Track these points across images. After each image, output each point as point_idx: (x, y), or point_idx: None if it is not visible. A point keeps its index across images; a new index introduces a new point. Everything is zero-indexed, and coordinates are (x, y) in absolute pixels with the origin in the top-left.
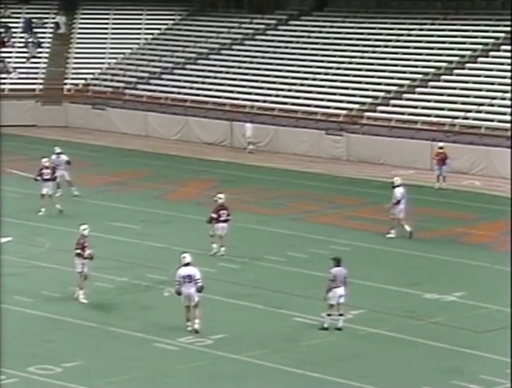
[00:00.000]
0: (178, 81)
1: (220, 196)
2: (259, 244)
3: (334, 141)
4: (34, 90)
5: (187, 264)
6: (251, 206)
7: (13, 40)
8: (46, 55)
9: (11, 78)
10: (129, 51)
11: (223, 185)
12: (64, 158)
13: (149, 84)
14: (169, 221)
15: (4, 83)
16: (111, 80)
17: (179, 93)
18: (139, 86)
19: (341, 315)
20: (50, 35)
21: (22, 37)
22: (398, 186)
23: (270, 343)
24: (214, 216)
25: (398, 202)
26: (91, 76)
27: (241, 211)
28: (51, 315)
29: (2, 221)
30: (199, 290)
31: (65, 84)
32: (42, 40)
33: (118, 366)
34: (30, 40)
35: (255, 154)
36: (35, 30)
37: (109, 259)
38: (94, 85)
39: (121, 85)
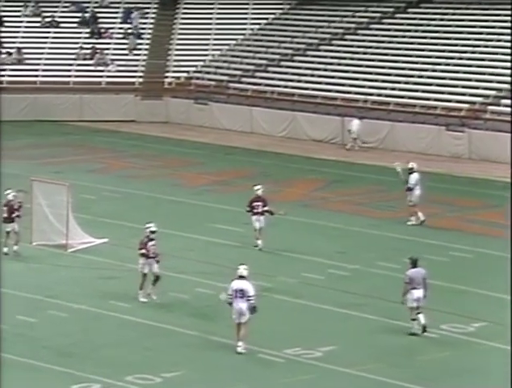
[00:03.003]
0: (286, 74)
1: (258, 187)
2: (371, 249)
3: (455, 137)
4: (133, 83)
5: (242, 277)
6: (362, 208)
7: (111, 30)
8: (146, 47)
9: (109, 71)
10: (234, 42)
11: (332, 185)
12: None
13: (255, 77)
14: (274, 223)
15: (102, 76)
16: (215, 73)
17: (286, 86)
18: (244, 80)
19: (413, 320)
20: (151, 26)
21: (121, 28)
22: (415, 172)
23: (385, 357)
24: (247, 208)
25: (411, 189)
26: (194, 69)
27: (351, 213)
28: (149, 322)
29: (94, 220)
30: (252, 311)
31: (166, 77)
32: (142, 30)
33: (220, 378)
34: (129, 30)
35: (368, 152)
36: (135, 20)
37: (210, 264)
38: (197, 78)
39: (225, 78)
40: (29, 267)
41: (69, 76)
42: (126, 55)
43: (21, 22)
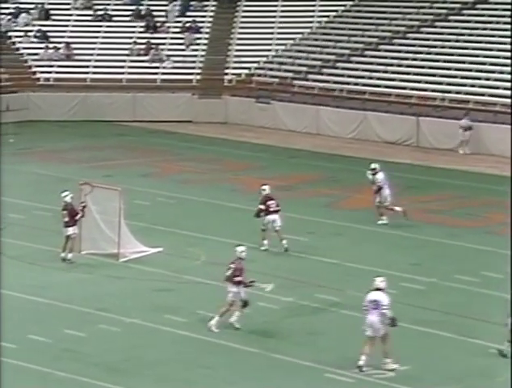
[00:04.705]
0: (356, 70)
1: (264, 187)
2: (449, 261)
3: None
4: (190, 80)
5: (378, 289)
6: (440, 216)
7: (167, 24)
8: (205, 42)
9: (164, 68)
10: (299, 36)
11: (406, 191)
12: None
13: (322, 74)
14: (341, 233)
15: (157, 73)
16: (278, 69)
17: (357, 84)
18: (310, 77)
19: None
20: (210, 19)
21: (178, 21)
22: (378, 172)
23: (463, 378)
24: (262, 207)
25: (380, 188)
26: (255, 65)
27: (427, 222)
28: (207, 338)
29: (147, 228)
30: (391, 323)
31: (226, 74)
32: (201, 24)
33: None
34: (187, 24)
35: (446, 156)
36: (171, 14)
37: (272, 276)
38: (259, 75)
39: (289, 75)
40: (78, 278)
41: (122, 73)
42: (183, 50)
43: (70, 15)
